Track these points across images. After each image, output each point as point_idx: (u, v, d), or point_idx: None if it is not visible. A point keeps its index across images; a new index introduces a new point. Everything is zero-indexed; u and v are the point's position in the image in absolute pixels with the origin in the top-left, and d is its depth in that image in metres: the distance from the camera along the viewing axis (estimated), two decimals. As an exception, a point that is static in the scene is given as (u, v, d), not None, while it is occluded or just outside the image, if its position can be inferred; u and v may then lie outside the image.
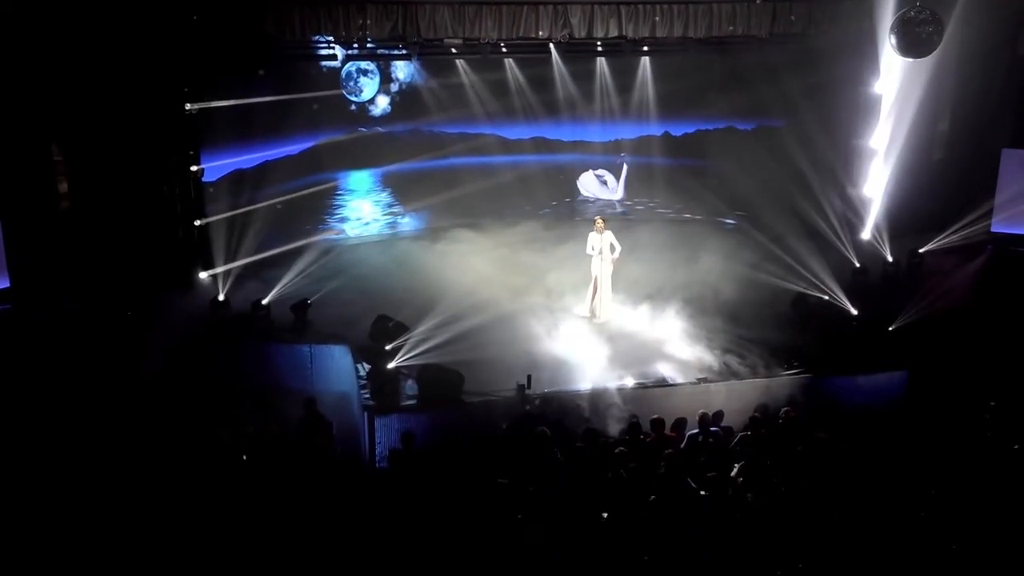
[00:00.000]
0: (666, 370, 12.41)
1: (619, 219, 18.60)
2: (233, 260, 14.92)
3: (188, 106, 14.34)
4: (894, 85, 16.26)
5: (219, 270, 14.70)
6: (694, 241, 17.06)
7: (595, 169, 19.54)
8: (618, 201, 19.61)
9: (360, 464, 11.39)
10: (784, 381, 12.24)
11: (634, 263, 15.08)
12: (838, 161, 17.10)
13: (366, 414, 11.39)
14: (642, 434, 10.63)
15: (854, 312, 13.79)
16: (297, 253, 16.18)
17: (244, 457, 10.14)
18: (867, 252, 16.14)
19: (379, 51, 17.11)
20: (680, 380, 12.18)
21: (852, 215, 16.91)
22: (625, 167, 19.34)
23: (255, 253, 15.30)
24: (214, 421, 10.74)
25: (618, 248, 14.01)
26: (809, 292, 14.27)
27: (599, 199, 19.62)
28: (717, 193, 18.58)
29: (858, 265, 15.55)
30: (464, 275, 15.34)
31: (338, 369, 13.03)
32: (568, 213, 19.59)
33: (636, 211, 19.51)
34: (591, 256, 14.01)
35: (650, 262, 15.57)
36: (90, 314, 13.05)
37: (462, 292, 14.16)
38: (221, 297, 14.30)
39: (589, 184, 19.60)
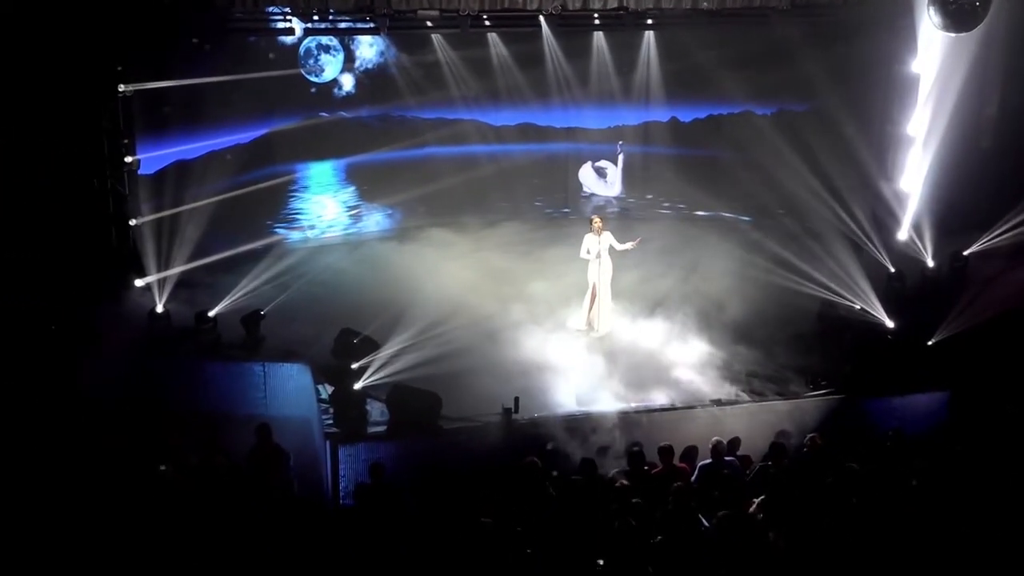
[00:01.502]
0: (674, 391, 12.44)
1: (617, 218, 18.70)
2: (174, 265, 14.88)
3: (121, 87, 14.31)
4: (934, 64, 16.39)
5: (157, 277, 14.66)
6: (705, 242, 17.16)
7: (596, 160, 19.60)
8: (615, 198, 19.70)
9: (322, 501, 11.36)
10: (810, 404, 12.31)
11: (636, 268, 15.14)
12: (870, 151, 17.22)
13: (328, 443, 11.37)
14: (646, 465, 10.65)
15: (889, 324, 13.89)
16: (248, 257, 16.16)
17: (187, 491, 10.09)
18: (903, 255, 16.26)
19: (343, 24, 17.11)
20: (690, 403, 12.22)
21: (886, 213, 17.03)
22: (622, 157, 19.41)
23: (199, 257, 15.27)
24: (151, 453, 10.68)
25: (626, 244, 14.02)
26: (837, 301, 14.34)
27: (595, 195, 19.71)
28: (731, 187, 18.65)
29: (893, 270, 15.65)
30: (441, 282, 15.37)
31: (296, 391, 13.00)
32: (562, 211, 19.65)
33: (637, 209, 19.60)
34: (587, 260, 14.04)
35: (655, 267, 15.64)
36: (5, 329, 12.94)
37: (439, 302, 14.18)
38: (159, 308, 14.26)
39: (587, 178, 19.65)
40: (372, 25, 16.76)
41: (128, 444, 10.92)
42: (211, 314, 13.95)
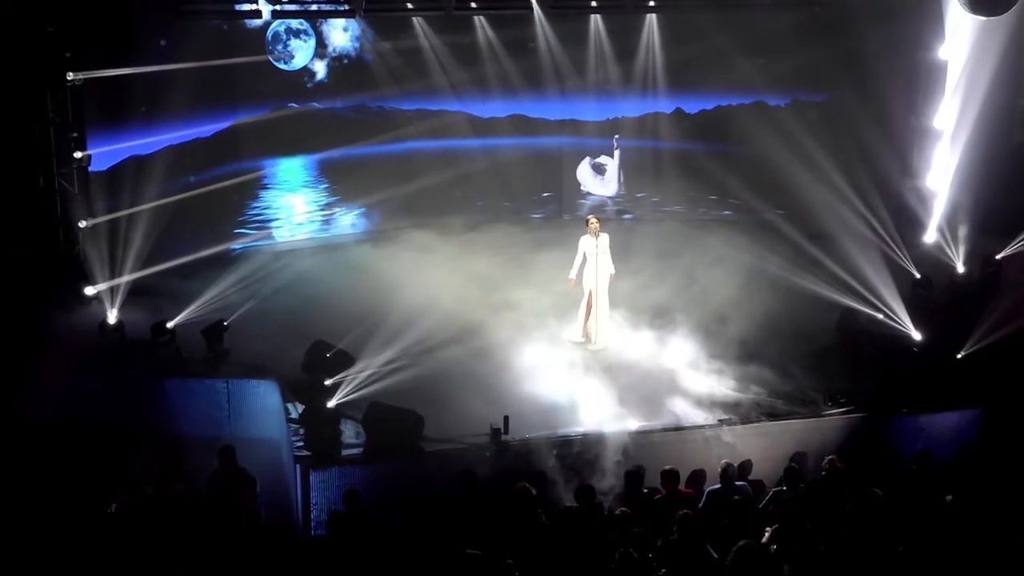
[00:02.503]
0: (679, 410, 12.48)
1: (616, 219, 18.79)
2: (127, 272, 14.87)
3: (70, 76, 14.30)
4: (963, 51, 16.49)
5: (109, 284, 14.64)
6: (713, 245, 17.23)
7: (594, 156, 19.65)
8: (610, 197, 19.78)
9: (291, 531, 11.35)
10: (828, 423, 12.35)
11: (637, 274, 15.18)
12: (893, 145, 17.31)
13: (299, 467, 11.35)
14: (646, 487, 10.69)
15: (914, 335, 13.93)
16: (210, 263, 16.18)
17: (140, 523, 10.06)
18: (930, 259, 16.33)
19: (314, 6, 17.15)
20: (697, 422, 12.24)
21: (911, 213, 17.11)
22: (618, 153, 19.48)
23: (156, 263, 15.27)
24: (102, 482, 10.64)
25: (610, 264, 14.11)
26: (858, 310, 14.37)
27: (592, 194, 19.78)
28: (742, 185, 18.72)
29: (919, 276, 15.68)
30: (423, 290, 15.37)
31: (263, 410, 13.00)
32: (555, 211, 19.72)
33: (638, 209, 19.69)
34: (584, 265, 14.07)
35: (658, 272, 15.68)
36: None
37: (421, 312, 14.18)
38: (111, 319, 14.23)
39: (584, 175, 19.70)
40: (347, 7, 16.79)
41: (76, 472, 10.88)
42: (169, 325, 13.90)
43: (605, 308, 14.21)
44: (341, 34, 18.03)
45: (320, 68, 18.04)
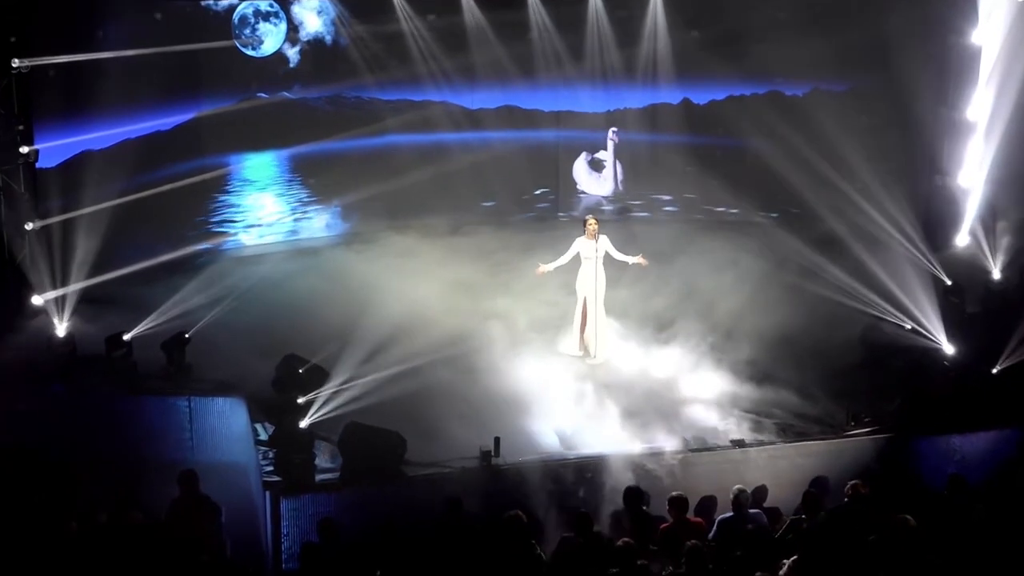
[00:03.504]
0: (687, 431, 12.48)
1: (615, 220, 18.83)
2: (79, 279, 14.86)
3: (15, 62, 14.27)
4: (998, 35, 16.53)
5: (59, 293, 14.63)
6: (721, 249, 17.31)
7: (592, 152, 19.68)
8: (605, 197, 19.83)
9: (260, 565, 11.33)
10: (851, 444, 12.35)
11: (640, 282, 15.23)
12: (922, 139, 17.38)
13: (268, 494, 11.33)
14: (651, 513, 10.68)
15: (946, 348, 13.94)
16: (171, 268, 16.20)
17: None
18: (963, 264, 16.38)
19: (286, -14, 17.24)
20: (707, 444, 12.26)
21: (941, 214, 17.16)
22: (612, 146, 19.53)
23: (111, 269, 15.27)
24: (52, 509, 10.61)
25: (634, 258, 14.14)
26: (883, 320, 14.42)
27: (586, 194, 19.85)
28: (755, 183, 18.79)
29: (950, 283, 15.67)
30: (405, 298, 15.39)
31: (229, 431, 13.00)
32: (550, 210, 19.77)
33: (639, 209, 19.75)
34: (579, 268, 14.12)
35: (663, 279, 15.72)
36: None
37: (402, 322, 14.22)
38: (61, 331, 14.22)
39: (580, 173, 19.74)
40: (322, -13, 16.84)
41: (24, 499, 10.85)
42: (126, 338, 13.87)
43: (603, 317, 14.24)
44: (314, 17, 18.07)
45: (292, 54, 18.07)
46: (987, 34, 16.70)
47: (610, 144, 19.45)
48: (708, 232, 18.53)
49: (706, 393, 13.26)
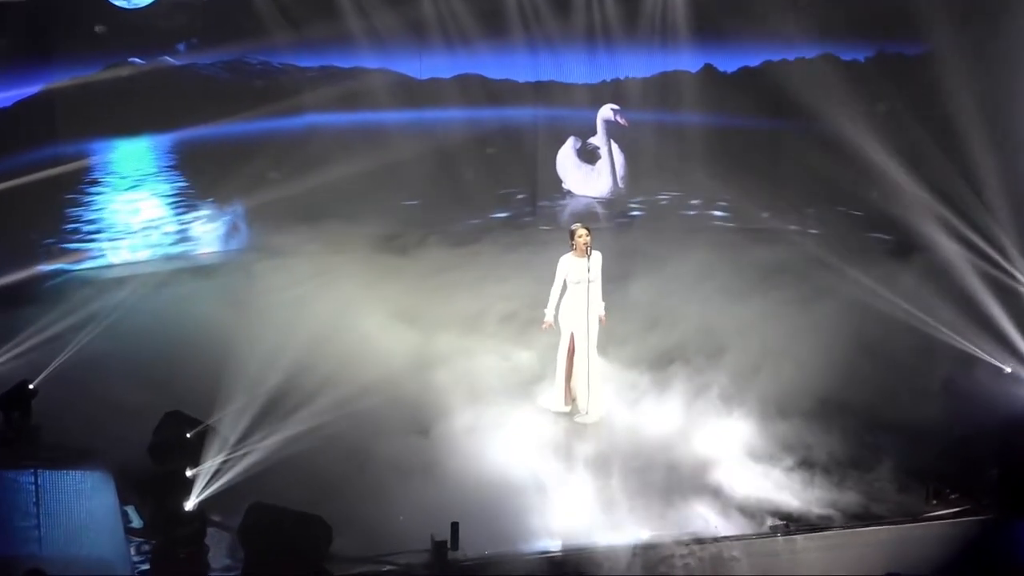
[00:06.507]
0: (712, 511, 12.42)
1: (611, 229, 18.90)
2: None
3: None
4: None
5: None
6: (752, 265, 17.49)
7: (583, 138, 19.70)
8: (601, 198, 19.84)
9: None
10: (931, 530, 12.31)
11: (643, 309, 15.16)
12: (1018, 121, 17.43)
13: (143, 601, 11.22)
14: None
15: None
16: (9, 295, 16.17)
17: None
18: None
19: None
20: (739, 531, 12.16)
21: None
22: (608, 128, 19.50)
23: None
24: None
25: (599, 300, 14.13)
26: (973, 360, 14.50)
27: (574, 194, 19.91)
28: (797, 179, 19.05)
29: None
30: (328, 335, 15.38)
31: (89, 516, 12.76)
32: (524, 216, 19.93)
33: (645, 214, 19.90)
34: (565, 295, 14.05)
35: (672, 305, 15.87)
36: None
37: (324, 368, 14.26)
38: None
39: (565, 164, 19.75)
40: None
41: None
42: (-54, 391, 13.77)
43: (596, 360, 14.19)
44: (208, -43, 18.17)
45: (176, 8, 18.04)
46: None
47: (604, 127, 19.43)
48: (735, 241, 18.77)
49: (735, 460, 13.22)
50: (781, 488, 12.74)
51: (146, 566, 11.58)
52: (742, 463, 13.18)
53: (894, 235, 17.13)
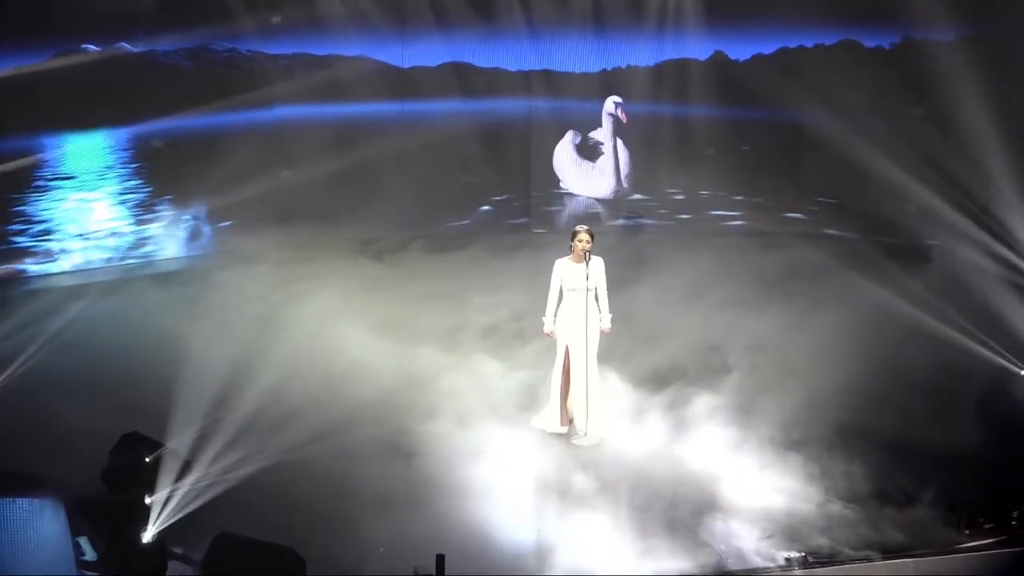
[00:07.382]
0: (724, 544, 12.33)
1: (616, 232, 18.87)
2: None
3: None
4: None
5: None
6: (770, 271, 17.51)
7: (583, 132, 19.67)
8: (602, 198, 19.84)
9: None
10: (966, 562, 12.18)
11: (646, 318, 15.12)
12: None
13: (97, 641, 11.14)
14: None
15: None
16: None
17: None
18: None
19: None
20: (757, 563, 12.06)
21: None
22: (612, 122, 19.51)
23: None
24: None
25: (606, 310, 14.08)
26: (1013, 376, 14.54)
27: (573, 194, 19.88)
28: (818, 177, 19.08)
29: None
30: (301, 349, 15.44)
31: (37, 548, 12.64)
32: (517, 218, 19.91)
33: (652, 216, 19.87)
34: (560, 304, 14.04)
35: (680, 316, 15.89)
36: None
37: (297, 385, 14.28)
38: None
39: (563, 161, 19.72)
40: None
41: None
42: None
43: (596, 378, 14.14)
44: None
45: (136, -12, 18.04)
46: None
47: (609, 120, 19.45)
48: (750, 246, 18.81)
49: (747, 486, 13.16)
50: (802, 516, 12.66)
51: (101, 604, 11.47)
52: (755, 487, 13.12)
53: (928, 246, 17.05)
